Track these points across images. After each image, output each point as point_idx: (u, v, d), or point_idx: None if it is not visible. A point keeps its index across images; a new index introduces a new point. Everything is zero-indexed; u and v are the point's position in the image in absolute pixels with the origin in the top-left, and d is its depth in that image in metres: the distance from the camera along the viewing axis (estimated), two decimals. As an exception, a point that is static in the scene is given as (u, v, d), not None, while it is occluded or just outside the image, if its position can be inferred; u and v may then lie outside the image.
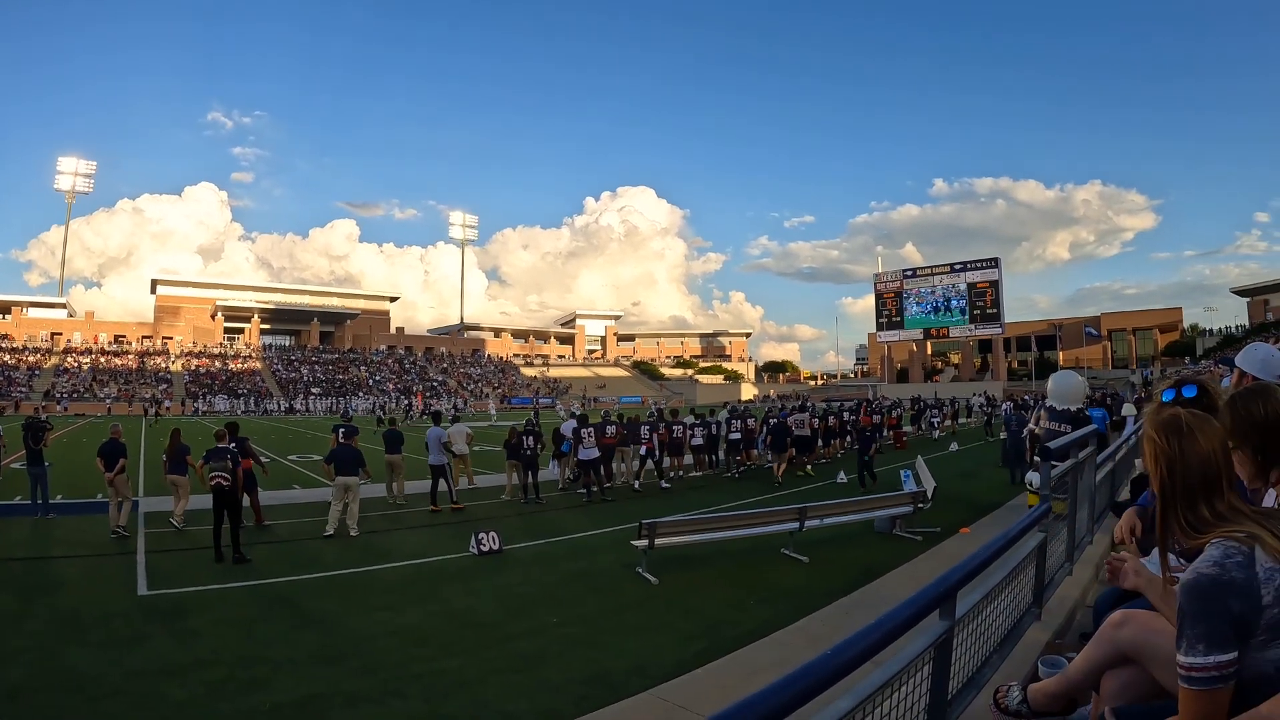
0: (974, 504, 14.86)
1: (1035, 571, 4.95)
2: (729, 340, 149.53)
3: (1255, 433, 2.30)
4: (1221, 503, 2.05)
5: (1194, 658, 1.89)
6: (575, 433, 17.52)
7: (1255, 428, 2.31)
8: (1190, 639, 1.90)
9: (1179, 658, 1.93)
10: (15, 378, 75.83)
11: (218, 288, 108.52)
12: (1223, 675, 1.87)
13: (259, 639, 7.76)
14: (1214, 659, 1.86)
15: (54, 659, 7.09)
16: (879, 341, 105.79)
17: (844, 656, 1.99)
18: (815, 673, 1.86)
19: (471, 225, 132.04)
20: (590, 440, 17.13)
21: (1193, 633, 1.90)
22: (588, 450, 17.14)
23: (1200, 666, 1.88)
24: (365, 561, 11.24)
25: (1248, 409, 2.34)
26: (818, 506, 11.48)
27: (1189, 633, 1.91)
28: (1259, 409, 2.32)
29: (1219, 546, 1.96)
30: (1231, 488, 2.09)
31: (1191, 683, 1.90)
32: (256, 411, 73.86)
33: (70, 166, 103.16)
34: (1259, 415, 2.31)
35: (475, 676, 6.71)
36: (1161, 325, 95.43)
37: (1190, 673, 1.90)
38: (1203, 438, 2.10)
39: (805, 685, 1.79)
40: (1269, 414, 2.30)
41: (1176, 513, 2.11)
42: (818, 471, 21.55)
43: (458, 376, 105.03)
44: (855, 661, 2.05)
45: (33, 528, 13.54)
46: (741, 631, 7.69)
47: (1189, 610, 1.92)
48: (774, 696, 1.66)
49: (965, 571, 3.16)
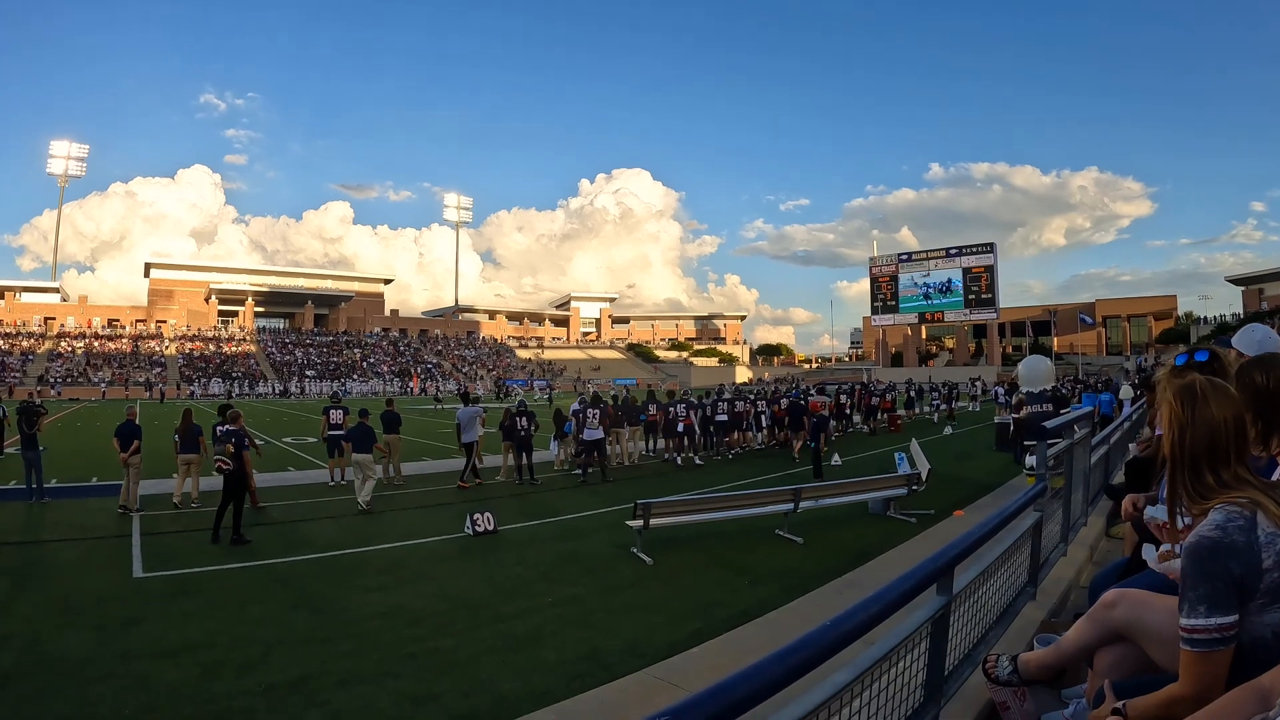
0: (968, 487, 14.88)
1: (1031, 550, 4.95)
2: (724, 323, 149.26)
3: (1256, 400, 2.38)
4: (1228, 471, 2.06)
5: (1195, 619, 1.92)
6: (579, 413, 17.88)
7: (1256, 395, 2.39)
8: (1192, 601, 1.93)
9: (1181, 620, 1.95)
10: (9, 363, 75.59)
11: (211, 271, 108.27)
12: (1224, 637, 1.90)
13: (253, 620, 7.74)
14: (1215, 620, 1.89)
15: (46, 643, 7.05)
16: (874, 325, 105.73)
17: (843, 628, 1.97)
18: (814, 644, 1.83)
19: (466, 207, 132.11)
20: (595, 421, 17.38)
21: (1194, 594, 1.93)
22: (592, 431, 17.39)
23: (1202, 628, 1.91)
24: (359, 542, 11.22)
25: (1250, 377, 2.43)
26: (813, 488, 11.51)
27: (1191, 595, 1.94)
28: (1261, 377, 2.41)
29: (1221, 511, 1.98)
30: (1240, 458, 2.09)
31: (1193, 644, 1.93)
32: (249, 395, 73.84)
33: (62, 150, 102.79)
34: (1260, 383, 2.40)
35: (468, 656, 6.69)
36: (1156, 313, 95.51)
37: (1192, 634, 1.93)
38: (1216, 406, 2.11)
39: (804, 656, 1.77)
40: (1271, 382, 2.38)
41: (1184, 477, 2.13)
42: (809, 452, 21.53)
43: (452, 359, 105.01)
44: (854, 634, 2.02)
45: (26, 512, 13.47)
46: (735, 612, 7.68)
47: (1191, 572, 1.95)
48: (774, 666, 1.63)
49: (963, 547, 3.14)
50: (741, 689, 1.53)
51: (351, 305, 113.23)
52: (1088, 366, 72.60)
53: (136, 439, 13.56)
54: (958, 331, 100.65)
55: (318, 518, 13.14)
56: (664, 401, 21.46)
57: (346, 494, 15.29)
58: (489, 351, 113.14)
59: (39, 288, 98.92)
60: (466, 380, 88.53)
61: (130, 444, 13.45)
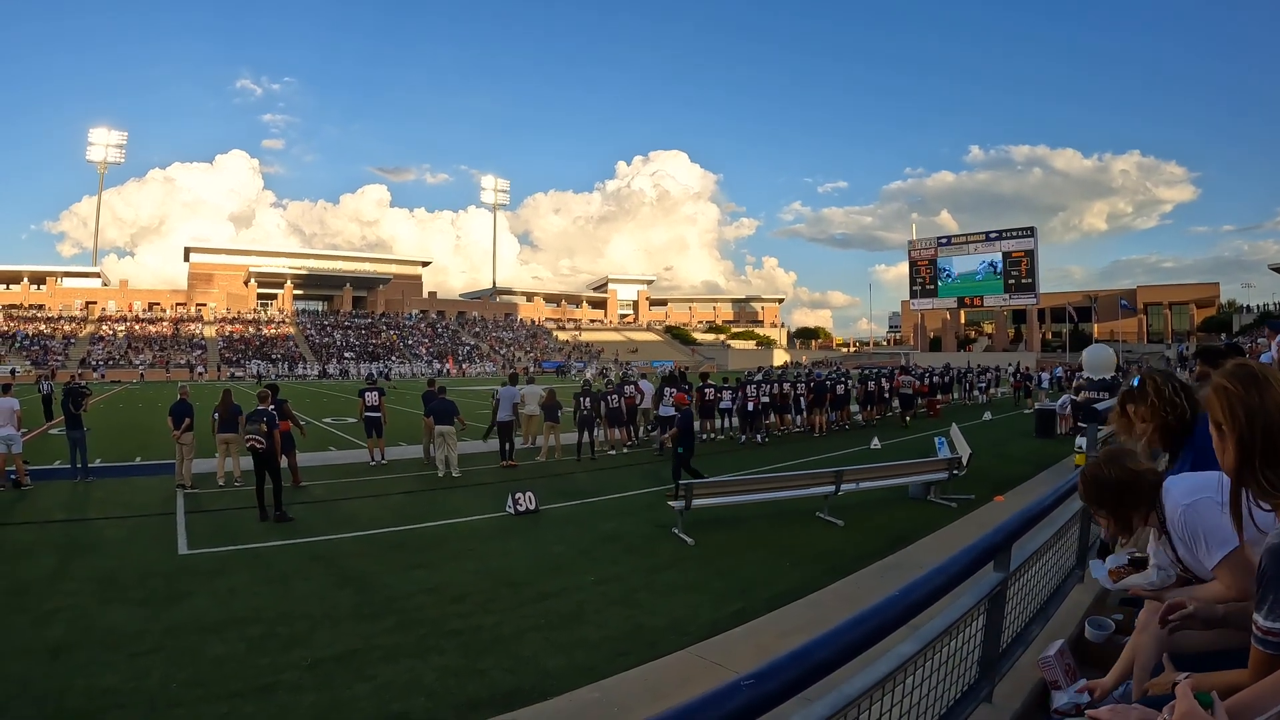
0: (1007, 473, 14.74)
1: (1079, 533, 4.91)
2: (761, 306, 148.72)
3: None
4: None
5: (1274, 623, 1.81)
6: (659, 392, 18.91)
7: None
8: (1272, 603, 1.81)
9: (1257, 620, 1.85)
10: (51, 346, 77.07)
11: (250, 254, 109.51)
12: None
13: (297, 596, 7.85)
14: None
15: (94, 617, 7.20)
16: (912, 309, 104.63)
17: (911, 598, 1.98)
18: (887, 611, 1.84)
19: (503, 189, 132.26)
20: (669, 399, 17.81)
21: (1276, 597, 1.81)
22: (667, 408, 17.97)
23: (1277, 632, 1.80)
24: (402, 521, 11.35)
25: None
26: (854, 470, 11.46)
27: (1272, 597, 1.82)
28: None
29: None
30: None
31: (1267, 646, 1.83)
32: (289, 376, 74.83)
33: (101, 138, 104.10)
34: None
35: (512, 633, 6.75)
36: (1198, 300, 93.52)
37: (1268, 636, 1.82)
38: (1278, 387, 1.99)
39: (878, 623, 1.78)
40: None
41: (1254, 468, 1.91)
42: (849, 437, 21.52)
43: (490, 340, 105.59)
44: (922, 604, 2.03)
45: (72, 491, 13.74)
46: (776, 592, 7.70)
47: (1273, 574, 1.82)
48: (850, 631, 1.65)
49: (1021, 522, 3.14)
50: (819, 653, 1.54)
51: (390, 287, 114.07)
52: (1128, 354, 71.35)
53: (188, 417, 13.92)
54: (997, 317, 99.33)
55: (359, 496, 13.32)
56: (698, 384, 21.56)
57: (387, 473, 15.52)
58: (526, 333, 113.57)
59: (80, 272, 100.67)
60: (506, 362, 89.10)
61: (182, 422, 13.82)
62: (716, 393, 21.23)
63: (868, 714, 1.91)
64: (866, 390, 25.85)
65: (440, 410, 15.38)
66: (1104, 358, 12.86)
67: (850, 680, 1.81)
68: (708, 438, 20.77)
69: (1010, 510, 4.15)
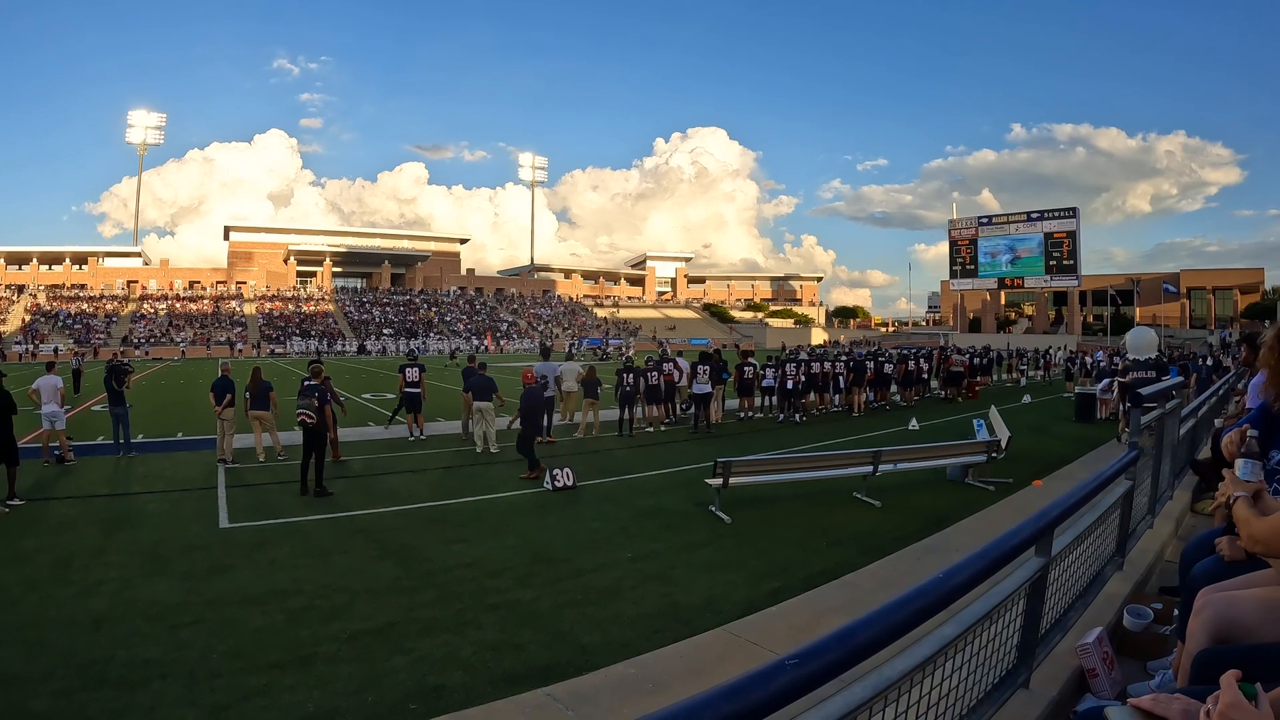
0: (1047, 457, 14.56)
1: (1120, 519, 4.87)
2: (800, 284, 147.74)
3: None
4: None
5: None
6: (693, 368, 18.85)
7: None
8: None
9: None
10: (94, 325, 78.76)
11: (289, 232, 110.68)
12: None
13: (337, 569, 7.98)
14: None
15: (137, 589, 7.37)
16: (952, 289, 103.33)
17: (955, 580, 1.98)
18: (932, 593, 1.85)
19: (541, 166, 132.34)
20: (704, 376, 18.23)
21: None
22: (701, 385, 18.26)
23: None
24: (440, 495, 11.49)
25: None
26: (892, 451, 11.41)
27: None
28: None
29: None
30: None
31: None
32: (329, 353, 75.71)
33: (140, 120, 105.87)
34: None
35: (549, 608, 6.83)
36: (1242, 286, 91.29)
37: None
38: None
39: (923, 604, 1.79)
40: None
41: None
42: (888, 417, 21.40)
43: (528, 317, 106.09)
44: (966, 586, 2.03)
45: (115, 466, 14.04)
46: (812, 572, 7.70)
47: None
48: (896, 612, 1.66)
49: (1064, 508, 3.12)
50: (863, 634, 1.56)
51: (428, 265, 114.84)
52: (1170, 339, 70.00)
53: (229, 393, 14.18)
54: (1037, 298, 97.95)
55: (399, 471, 13.49)
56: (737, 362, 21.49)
57: (426, 448, 15.71)
58: (564, 311, 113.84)
59: (121, 252, 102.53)
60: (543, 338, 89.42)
61: (224, 398, 14.07)
62: (756, 371, 21.13)
63: (907, 696, 1.93)
64: (906, 370, 25.68)
65: (479, 386, 15.54)
66: (1146, 339, 12.91)
67: (891, 663, 1.82)
68: (746, 416, 20.83)
69: (1049, 495, 4.13)
